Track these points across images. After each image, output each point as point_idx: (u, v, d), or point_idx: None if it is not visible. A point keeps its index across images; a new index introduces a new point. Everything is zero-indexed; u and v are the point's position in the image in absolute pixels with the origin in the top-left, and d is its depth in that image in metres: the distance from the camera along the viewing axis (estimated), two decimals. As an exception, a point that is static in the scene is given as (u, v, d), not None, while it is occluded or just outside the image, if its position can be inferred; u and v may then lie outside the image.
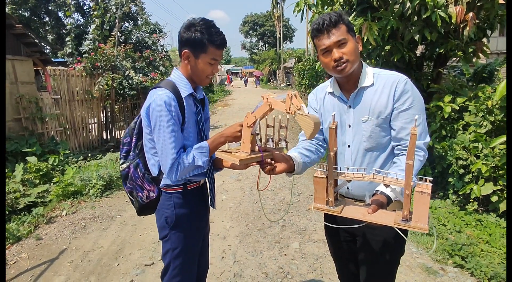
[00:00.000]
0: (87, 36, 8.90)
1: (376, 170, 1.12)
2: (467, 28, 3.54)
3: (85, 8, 13.75)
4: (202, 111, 1.55)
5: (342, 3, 4.55)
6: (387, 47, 4.10)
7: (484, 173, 3.23)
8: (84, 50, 8.16)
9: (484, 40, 4.24)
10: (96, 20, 8.38)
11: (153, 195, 1.51)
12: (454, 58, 4.36)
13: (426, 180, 0.93)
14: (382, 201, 1.08)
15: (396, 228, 1.00)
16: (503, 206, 3.17)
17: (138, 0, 9.79)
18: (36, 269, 2.86)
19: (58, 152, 5.49)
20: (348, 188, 1.40)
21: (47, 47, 15.46)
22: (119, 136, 7.67)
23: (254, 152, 1.31)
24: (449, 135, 3.88)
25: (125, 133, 1.59)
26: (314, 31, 1.30)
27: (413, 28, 3.86)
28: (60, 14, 14.89)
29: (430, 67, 4.88)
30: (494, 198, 3.24)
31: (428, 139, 1.28)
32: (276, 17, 32.82)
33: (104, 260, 2.97)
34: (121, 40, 8.69)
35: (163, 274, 1.58)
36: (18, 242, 3.31)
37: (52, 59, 7.40)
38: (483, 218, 3.26)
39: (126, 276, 2.71)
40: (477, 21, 3.68)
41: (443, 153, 3.71)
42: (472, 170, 3.40)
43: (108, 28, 8.46)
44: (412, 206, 0.95)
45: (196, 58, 1.40)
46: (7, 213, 3.72)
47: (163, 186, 1.50)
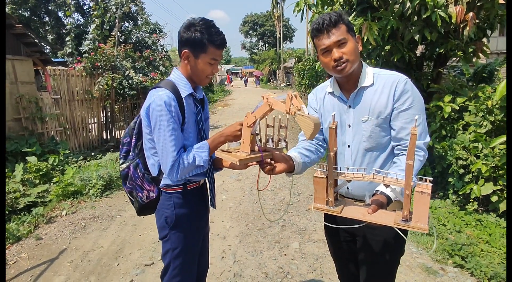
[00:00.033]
0: (87, 36, 8.90)
1: (376, 170, 1.12)
2: (467, 28, 3.54)
3: (85, 8, 13.76)
4: (202, 111, 1.55)
5: (342, 3, 4.54)
6: (387, 47, 4.10)
7: (484, 173, 3.23)
8: (84, 50, 8.15)
9: (484, 40, 4.24)
10: (96, 20, 8.36)
11: (153, 195, 1.51)
12: (454, 58, 4.35)
13: (426, 180, 0.93)
14: (382, 201, 1.08)
15: (396, 228, 1.00)
16: (503, 206, 3.18)
17: (138, 0, 9.79)
18: (36, 269, 2.86)
19: (58, 152, 5.49)
20: (348, 188, 1.40)
21: (47, 47, 15.46)
22: (119, 136, 7.67)
23: (253, 152, 1.31)
24: (449, 135, 3.88)
25: (124, 133, 1.59)
26: (314, 31, 1.29)
27: (413, 28, 3.86)
28: (60, 14, 14.91)
29: (430, 67, 4.88)
30: (494, 198, 3.24)
31: (428, 139, 1.28)
32: (276, 17, 32.84)
33: (104, 260, 2.97)
34: (121, 40, 8.69)
35: (163, 274, 1.58)
36: (18, 242, 3.31)
37: (52, 59, 7.39)
38: (483, 218, 3.26)
39: (126, 276, 2.71)
40: (477, 21, 3.68)
41: (443, 153, 3.71)
42: (472, 170, 3.40)
43: (108, 28, 8.45)
44: (412, 206, 0.95)
45: (196, 58, 1.40)
46: (7, 212, 3.72)
47: (163, 186, 1.50)
